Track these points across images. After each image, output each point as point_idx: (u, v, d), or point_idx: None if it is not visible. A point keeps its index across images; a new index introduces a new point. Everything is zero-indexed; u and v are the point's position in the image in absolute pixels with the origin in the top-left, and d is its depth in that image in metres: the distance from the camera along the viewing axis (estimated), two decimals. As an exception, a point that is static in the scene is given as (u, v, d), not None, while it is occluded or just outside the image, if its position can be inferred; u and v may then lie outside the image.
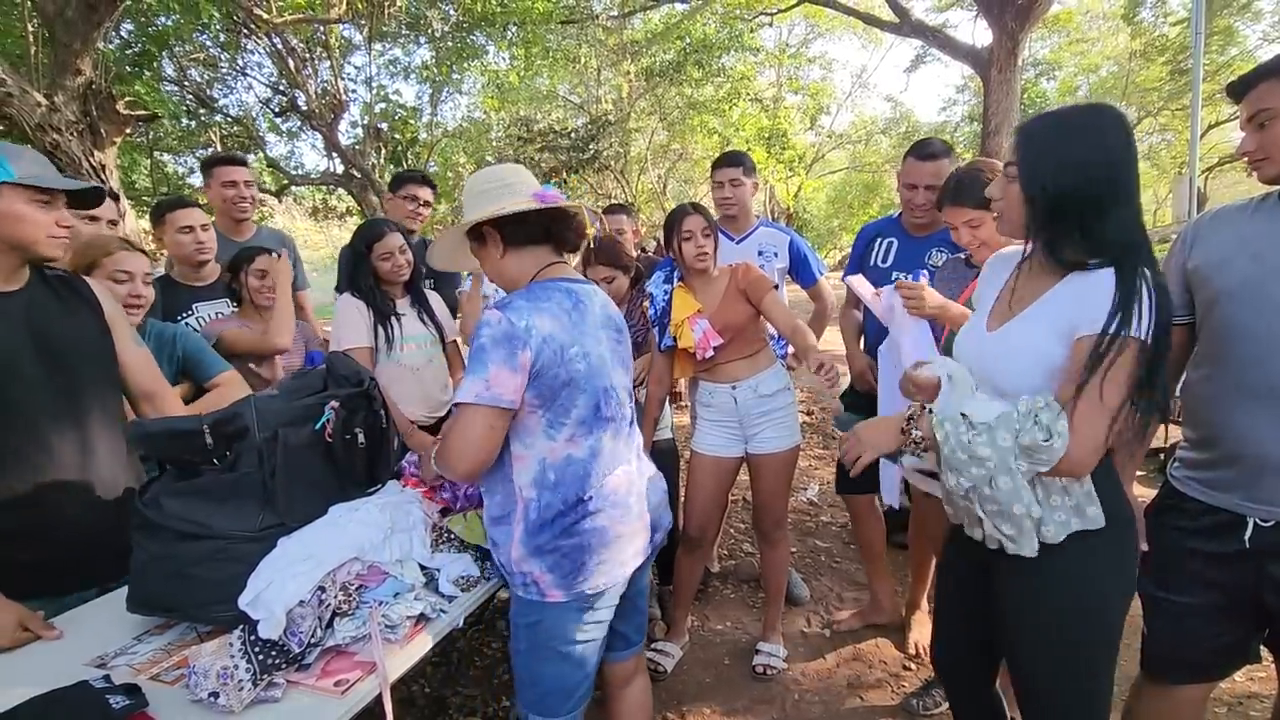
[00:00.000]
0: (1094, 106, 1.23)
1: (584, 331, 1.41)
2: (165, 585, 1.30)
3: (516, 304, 1.35)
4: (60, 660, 1.27)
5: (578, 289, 1.46)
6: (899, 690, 2.35)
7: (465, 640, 2.60)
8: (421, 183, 3.05)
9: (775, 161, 17.03)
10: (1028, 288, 1.28)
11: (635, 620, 1.67)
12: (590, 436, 1.41)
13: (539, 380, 1.34)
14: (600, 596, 1.44)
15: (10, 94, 4.01)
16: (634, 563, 1.50)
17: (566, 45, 12.91)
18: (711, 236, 2.24)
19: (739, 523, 3.71)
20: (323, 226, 15.03)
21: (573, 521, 1.39)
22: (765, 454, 2.34)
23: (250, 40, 10.07)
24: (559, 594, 1.40)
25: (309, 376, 1.64)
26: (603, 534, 1.42)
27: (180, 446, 1.39)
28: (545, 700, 1.48)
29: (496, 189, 1.46)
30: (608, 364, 1.46)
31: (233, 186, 2.77)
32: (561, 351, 1.35)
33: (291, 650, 1.20)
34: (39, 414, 1.44)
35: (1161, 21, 15.46)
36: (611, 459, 1.45)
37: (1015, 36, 7.23)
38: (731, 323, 2.25)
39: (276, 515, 1.36)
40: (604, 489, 1.43)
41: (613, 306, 1.57)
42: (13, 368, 1.41)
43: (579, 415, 1.39)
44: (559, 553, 1.38)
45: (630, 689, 1.70)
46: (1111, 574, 1.24)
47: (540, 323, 1.33)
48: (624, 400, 1.51)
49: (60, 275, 1.57)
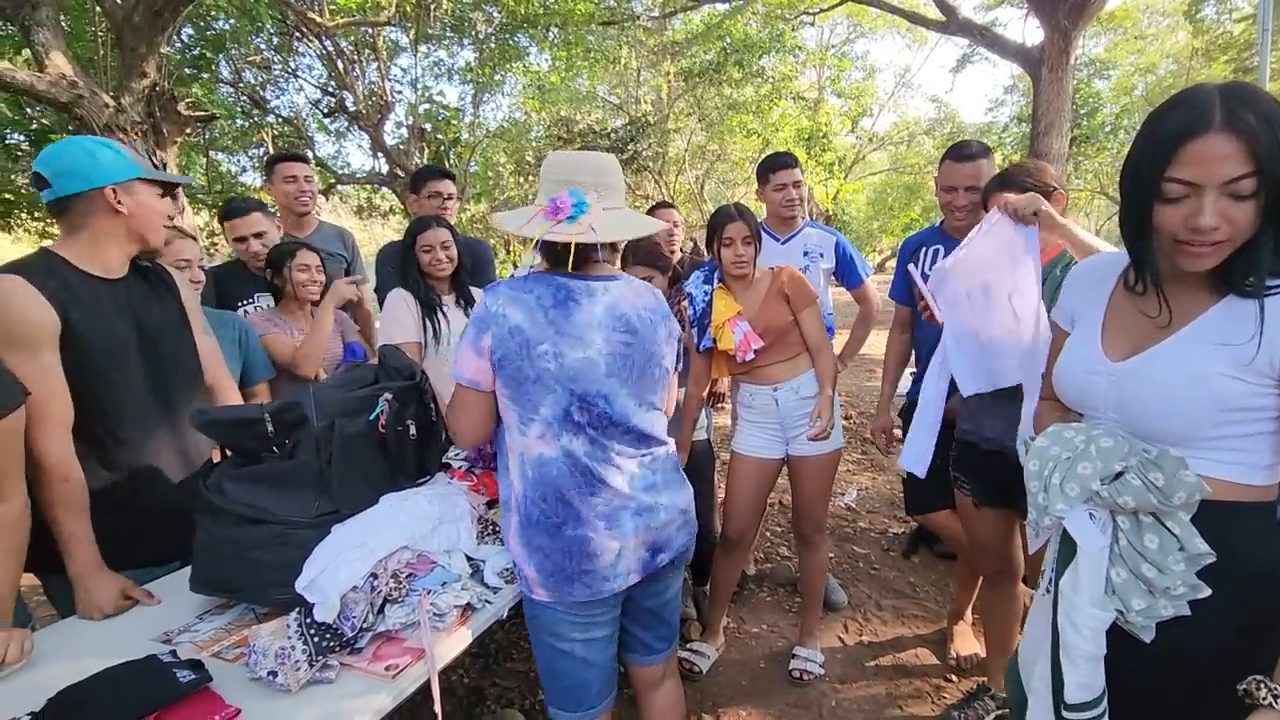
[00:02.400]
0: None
1: (563, 331, 1.34)
2: (226, 567, 1.35)
3: (499, 288, 1.37)
4: (129, 635, 1.34)
5: (575, 285, 1.38)
6: (940, 702, 2.31)
7: (503, 633, 2.64)
8: (440, 177, 3.08)
9: (815, 163, 16.83)
10: (1150, 302, 1.04)
11: (658, 630, 1.62)
12: (562, 439, 1.36)
13: (503, 370, 1.35)
14: (586, 605, 1.41)
15: (81, 96, 4.20)
16: (623, 579, 1.42)
17: (607, 46, 12.96)
18: (752, 244, 2.22)
19: (775, 526, 3.68)
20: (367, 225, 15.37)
21: (554, 524, 1.37)
22: (806, 456, 2.32)
23: (302, 43, 10.36)
24: (543, 594, 1.41)
25: (362, 369, 1.68)
26: (584, 543, 1.37)
27: (243, 433, 1.45)
28: (559, 695, 1.49)
29: (548, 183, 1.41)
30: (597, 369, 1.36)
31: (293, 181, 2.87)
32: (528, 346, 1.32)
33: (344, 634, 1.23)
34: (138, 395, 1.54)
35: (1225, 18, 14.82)
36: (596, 467, 1.38)
37: (1068, 34, 7.01)
38: (772, 325, 2.23)
39: (331, 503, 1.40)
40: (591, 500, 1.38)
41: (629, 302, 1.43)
42: (121, 351, 1.51)
43: (546, 415, 1.35)
44: (543, 553, 1.38)
45: (658, 693, 1.68)
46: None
47: (511, 311, 1.33)
48: (620, 408, 1.40)
49: (148, 266, 1.66)
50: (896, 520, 3.73)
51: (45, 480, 1.37)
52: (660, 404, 1.53)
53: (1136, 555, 0.99)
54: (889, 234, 23.65)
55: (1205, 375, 0.96)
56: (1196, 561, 0.96)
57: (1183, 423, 0.98)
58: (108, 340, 1.48)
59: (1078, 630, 1.02)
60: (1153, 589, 0.98)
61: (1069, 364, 1.16)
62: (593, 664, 1.46)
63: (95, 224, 1.48)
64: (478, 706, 2.33)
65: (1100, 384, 1.08)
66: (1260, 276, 0.94)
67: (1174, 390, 0.98)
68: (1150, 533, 0.98)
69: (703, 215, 17.08)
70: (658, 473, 1.49)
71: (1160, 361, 1.01)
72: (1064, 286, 1.27)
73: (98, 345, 1.46)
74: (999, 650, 2.17)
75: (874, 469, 4.57)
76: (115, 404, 1.50)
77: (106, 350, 1.48)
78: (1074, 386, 1.14)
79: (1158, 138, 0.95)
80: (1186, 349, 0.99)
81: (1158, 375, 1.01)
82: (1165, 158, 0.93)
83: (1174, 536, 0.96)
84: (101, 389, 1.48)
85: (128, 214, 1.49)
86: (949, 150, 2.28)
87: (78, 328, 1.42)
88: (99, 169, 1.45)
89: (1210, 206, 0.91)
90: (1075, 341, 1.17)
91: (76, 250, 1.48)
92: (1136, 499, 0.97)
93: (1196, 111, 0.91)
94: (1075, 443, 1.05)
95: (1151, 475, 0.95)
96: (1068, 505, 1.03)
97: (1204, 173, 0.90)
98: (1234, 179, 0.89)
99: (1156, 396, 1.00)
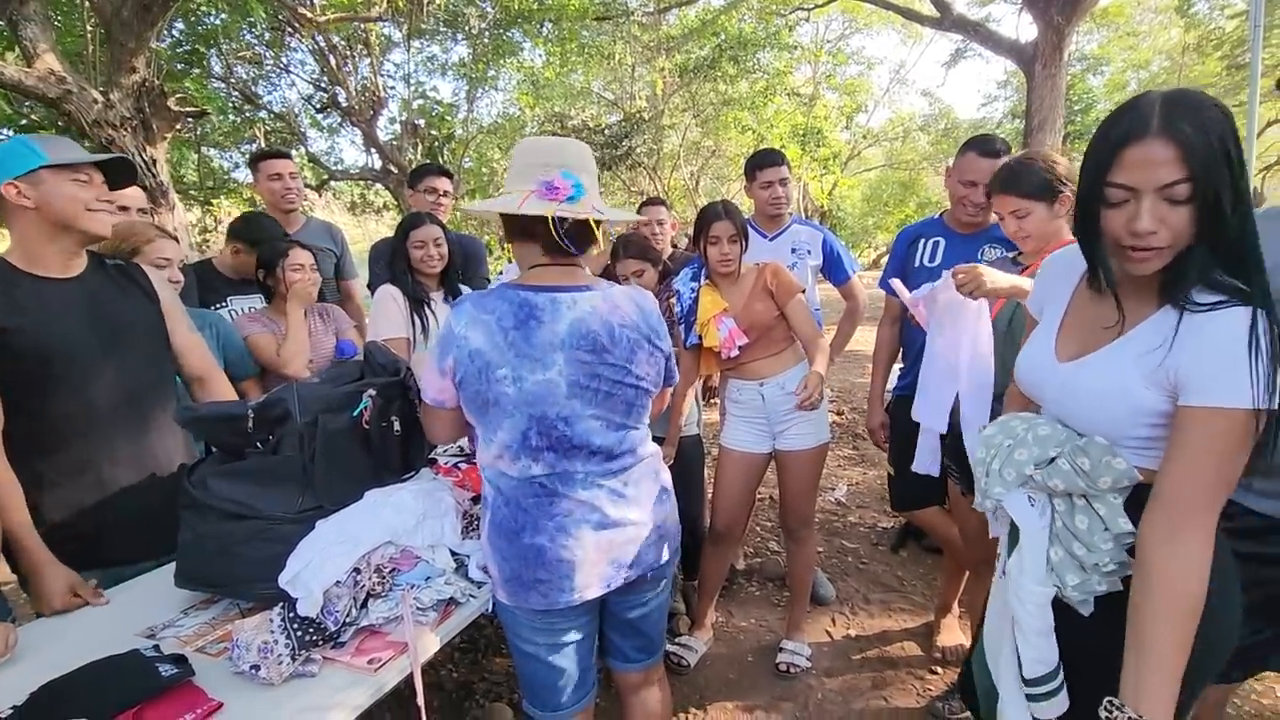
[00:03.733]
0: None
1: (523, 354, 1.27)
2: (211, 562, 1.36)
3: (463, 307, 1.31)
4: (113, 630, 1.34)
5: (539, 300, 1.30)
6: (924, 693, 2.33)
7: (492, 628, 2.66)
8: (438, 174, 3.09)
9: (810, 159, 16.83)
10: (1105, 307, 1.07)
11: (636, 641, 1.58)
12: (520, 461, 1.33)
13: (464, 391, 1.33)
14: (544, 615, 1.37)
15: (70, 91, 4.18)
16: (585, 591, 1.36)
17: (601, 41, 12.94)
18: (738, 242, 2.24)
19: (765, 521, 3.70)
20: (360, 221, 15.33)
21: (513, 530, 1.34)
22: (793, 451, 2.33)
23: (294, 38, 10.32)
24: (503, 596, 1.39)
25: (347, 365, 1.69)
26: (539, 553, 1.33)
27: (226, 429, 1.45)
28: (533, 694, 1.48)
29: (524, 168, 1.35)
30: (558, 391, 1.29)
31: (279, 179, 2.88)
32: (487, 369, 1.28)
33: (328, 628, 1.24)
34: (97, 394, 1.52)
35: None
36: (557, 485, 1.34)
37: (1061, 31, 7.04)
38: (757, 322, 2.25)
39: (315, 498, 1.42)
40: (550, 510, 1.34)
41: (599, 317, 1.34)
42: (73, 350, 1.49)
43: (504, 439, 1.31)
44: (502, 556, 1.36)
45: (639, 697, 1.64)
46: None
47: (473, 334, 1.28)
48: (581, 431, 1.33)
49: (118, 264, 1.65)
50: (885, 515, 3.75)
51: None
52: (636, 423, 1.44)
53: (1069, 535, 1.05)
54: (884, 230, 23.67)
55: (1127, 387, 0.99)
56: (1122, 540, 1.00)
57: (1109, 427, 1.03)
58: (48, 338, 1.46)
59: (1024, 606, 1.09)
60: (1084, 566, 1.03)
61: (1026, 358, 1.20)
62: (560, 669, 1.43)
63: (13, 223, 1.46)
64: (466, 701, 2.34)
65: (1047, 382, 1.13)
66: (1184, 287, 0.94)
67: (1100, 399, 1.03)
68: (1081, 514, 1.04)
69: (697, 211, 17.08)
70: (629, 485, 1.41)
71: (1091, 370, 1.05)
72: (1038, 274, 1.28)
73: (45, 346, 1.44)
74: (983, 642, 2.18)
75: (864, 464, 4.59)
76: (75, 402, 1.49)
77: (55, 350, 1.46)
78: (1027, 380, 1.19)
79: (1102, 143, 0.96)
80: (1115, 359, 1.03)
81: (1088, 384, 1.05)
82: (1108, 162, 0.94)
83: (1100, 518, 1.01)
84: (55, 389, 1.47)
85: (34, 206, 1.44)
86: (973, 143, 2.22)
87: (14, 328, 1.41)
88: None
89: (1147, 211, 0.92)
90: (1035, 336, 1.21)
91: (17, 254, 1.47)
92: (1065, 482, 1.04)
93: (1137, 117, 0.92)
94: (1018, 431, 1.12)
95: (1079, 461, 1.02)
96: (1004, 489, 1.11)
97: (1141, 177, 0.92)
98: (1169, 184, 0.90)
99: (1086, 403, 1.06)
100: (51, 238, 1.48)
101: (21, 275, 1.46)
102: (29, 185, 1.43)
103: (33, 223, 1.46)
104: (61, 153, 1.47)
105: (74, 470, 1.51)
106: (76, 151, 1.51)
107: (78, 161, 1.47)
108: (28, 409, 1.44)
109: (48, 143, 1.48)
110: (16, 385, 1.42)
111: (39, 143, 1.46)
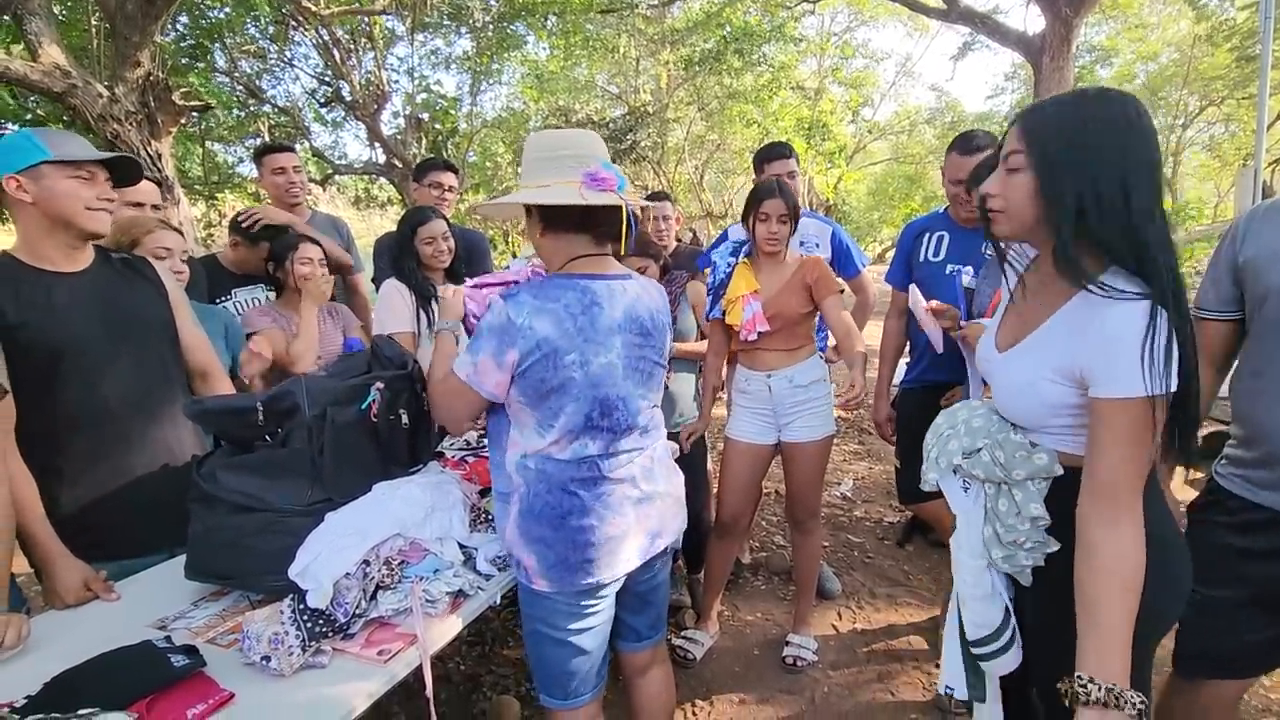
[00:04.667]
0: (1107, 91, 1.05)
1: (590, 339, 1.33)
2: (221, 555, 1.37)
3: (522, 298, 1.31)
4: (125, 622, 1.35)
5: (597, 287, 1.37)
6: (930, 687, 2.33)
7: (499, 621, 2.67)
8: (443, 169, 3.08)
9: (815, 153, 16.75)
10: (1036, 299, 1.14)
11: (648, 616, 1.64)
12: (577, 443, 1.37)
13: (524, 380, 1.32)
14: (587, 593, 1.41)
15: (75, 86, 4.19)
16: (627, 565, 1.44)
17: (606, 34, 12.88)
18: (787, 223, 2.24)
19: (771, 515, 3.70)
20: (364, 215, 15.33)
21: (558, 515, 1.37)
22: (798, 443, 2.33)
23: (298, 32, 10.30)
24: (544, 584, 1.40)
25: (355, 358, 1.69)
26: (589, 533, 1.37)
27: (235, 423, 1.46)
28: (551, 683, 1.49)
29: (552, 160, 1.36)
30: (616, 372, 1.37)
31: (282, 173, 2.87)
32: (555, 356, 1.30)
33: (337, 620, 1.25)
34: (108, 387, 1.53)
35: (1228, 5, 14.72)
36: (606, 465, 1.40)
37: (1070, 22, 6.98)
38: (784, 312, 2.24)
39: (324, 491, 1.42)
40: (596, 490, 1.39)
41: (644, 303, 1.46)
42: (84, 342, 1.50)
43: (566, 423, 1.34)
44: (544, 543, 1.37)
45: (646, 679, 1.69)
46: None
47: (539, 324, 1.29)
48: (633, 409, 1.42)
49: (124, 258, 1.65)
50: (891, 509, 3.75)
51: None
52: (658, 401, 1.55)
53: (995, 516, 1.18)
54: (889, 224, 23.56)
55: (1034, 381, 1.08)
56: (1037, 523, 1.11)
57: (1027, 417, 1.13)
58: (58, 331, 1.46)
59: (961, 575, 1.24)
60: (1003, 542, 1.16)
61: (980, 346, 1.29)
62: (587, 652, 1.46)
63: (16, 216, 1.46)
64: (474, 693, 2.35)
65: (990, 371, 1.23)
66: (1077, 273, 1.00)
67: (1017, 391, 1.12)
68: (1003, 498, 1.15)
69: (701, 205, 17.03)
70: (655, 461, 1.51)
71: (1012, 363, 1.14)
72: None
73: (47, 337, 1.45)
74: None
75: (870, 458, 4.58)
76: (86, 396, 1.50)
77: (64, 345, 1.46)
78: (982, 370, 1.29)
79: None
80: (1029, 351, 1.11)
81: (1013, 376, 1.14)
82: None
83: (1016, 503, 1.12)
84: (65, 383, 1.47)
85: (33, 201, 1.43)
86: (954, 143, 2.26)
87: (21, 323, 1.41)
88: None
89: (995, 177, 1.09)
90: (990, 324, 1.29)
91: (23, 248, 1.48)
92: (985, 472, 1.16)
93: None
94: (958, 420, 1.23)
95: (996, 454, 1.14)
96: (938, 474, 1.24)
97: (1003, 152, 1.08)
98: (1008, 153, 1.06)
99: (1007, 394, 1.16)
100: (50, 232, 1.48)
101: (28, 270, 1.46)
102: (30, 180, 1.42)
103: (33, 218, 1.46)
104: (66, 148, 1.46)
105: (86, 463, 1.52)
106: (82, 148, 1.50)
107: (81, 159, 1.47)
108: (39, 404, 1.45)
109: (53, 138, 1.47)
110: (28, 380, 1.42)
111: (43, 137, 1.45)
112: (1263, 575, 1.36)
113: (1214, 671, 1.47)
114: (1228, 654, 1.44)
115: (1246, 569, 1.37)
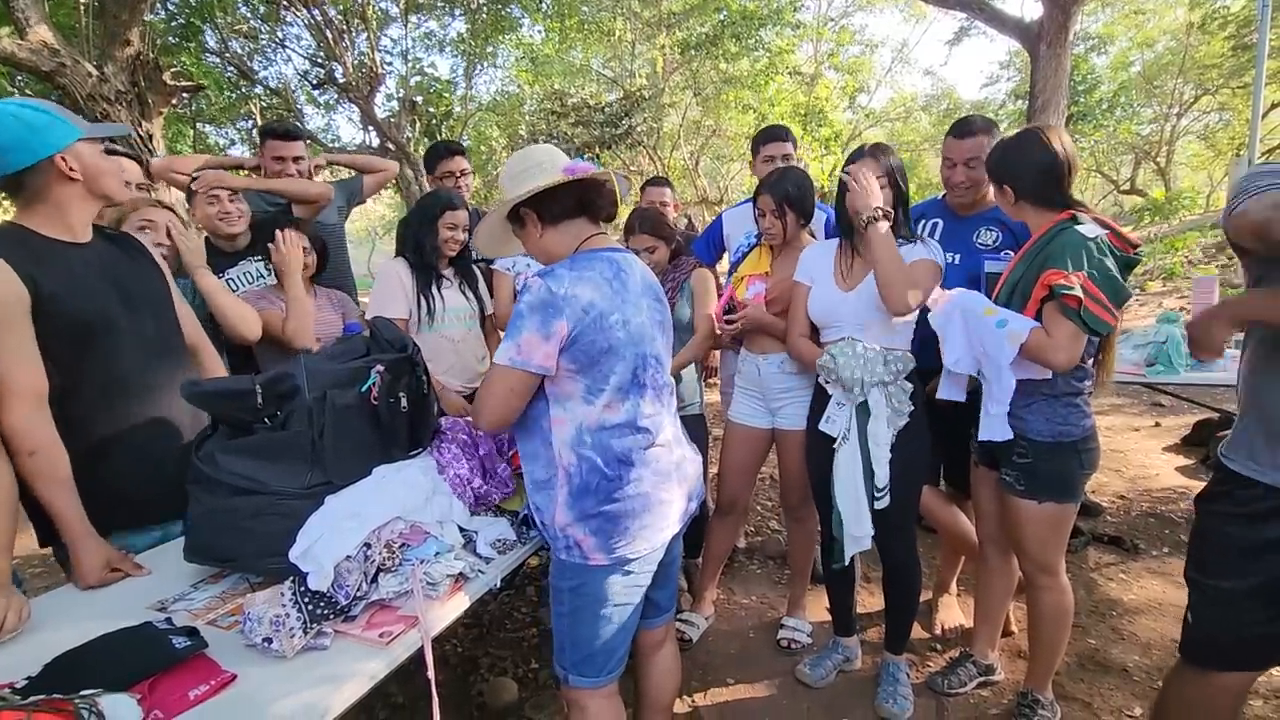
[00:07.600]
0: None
1: (625, 300, 1.43)
2: (221, 537, 1.36)
3: (558, 272, 1.38)
4: (124, 603, 1.35)
5: (618, 258, 1.48)
6: (923, 669, 2.36)
7: (496, 604, 2.68)
8: (450, 154, 3.03)
9: (811, 139, 16.68)
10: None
11: (668, 588, 1.70)
12: (628, 402, 1.43)
13: (575, 347, 1.36)
14: (640, 560, 1.47)
15: (64, 64, 4.13)
16: (673, 528, 1.53)
17: (601, 17, 12.75)
18: (780, 217, 2.25)
19: (766, 500, 3.72)
20: (358, 199, 15.26)
21: (615, 487, 1.41)
22: (790, 430, 2.34)
23: (289, 12, 10.15)
24: (601, 557, 1.43)
25: (353, 340, 1.68)
26: (645, 499, 1.44)
27: (233, 405, 1.45)
28: (586, 662, 1.51)
29: (530, 169, 1.49)
30: (648, 331, 1.48)
31: (280, 163, 2.80)
32: (602, 319, 1.37)
33: (338, 602, 1.25)
34: (125, 358, 1.53)
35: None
36: (652, 425, 1.47)
37: (1067, 9, 6.93)
38: (783, 299, 2.25)
39: (324, 474, 1.41)
40: (646, 455, 1.45)
41: (651, 275, 1.59)
42: (106, 312, 1.49)
43: (617, 382, 1.41)
44: (603, 517, 1.41)
45: (660, 655, 1.75)
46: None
47: (580, 291, 1.36)
48: (663, 368, 1.53)
49: (118, 234, 1.64)
50: (885, 495, 3.77)
51: (12, 454, 1.35)
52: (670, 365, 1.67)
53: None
54: (884, 211, 23.49)
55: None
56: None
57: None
58: (85, 302, 1.45)
59: (878, 441, 1.94)
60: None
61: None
62: (625, 628, 1.52)
63: (54, 193, 1.44)
64: (471, 675, 2.37)
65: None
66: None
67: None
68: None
69: (697, 191, 16.94)
70: (679, 427, 1.62)
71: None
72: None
73: (76, 308, 1.44)
74: (986, 621, 2.23)
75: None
76: (106, 369, 1.50)
77: (86, 312, 1.46)
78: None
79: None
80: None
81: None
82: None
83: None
84: (90, 354, 1.47)
85: (81, 177, 1.44)
86: (952, 126, 2.29)
87: (51, 295, 1.40)
88: (42, 138, 1.39)
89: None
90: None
91: (40, 220, 1.45)
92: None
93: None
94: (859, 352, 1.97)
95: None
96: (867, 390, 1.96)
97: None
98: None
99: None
100: (87, 205, 1.49)
101: (44, 240, 1.44)
102: (73, 157, 1.43)
103: (75, 192, 1.46)
104: (79, 124, 1.46)
105: (107, 432, 1.51)
106: (83, 122, 1.50)
107: (108, 133, 1.52)
108: (65, 375, 1.43)
109: (63, 113, 1.46)
110: (62, 352, 1.42)
111: (59, 113, 1.45)
112: (1274, 565, 1.35)
113: (1223, 663, 1.47)
114: (1238, 646, 1.44)
115: (1256, 561, 1.37)
